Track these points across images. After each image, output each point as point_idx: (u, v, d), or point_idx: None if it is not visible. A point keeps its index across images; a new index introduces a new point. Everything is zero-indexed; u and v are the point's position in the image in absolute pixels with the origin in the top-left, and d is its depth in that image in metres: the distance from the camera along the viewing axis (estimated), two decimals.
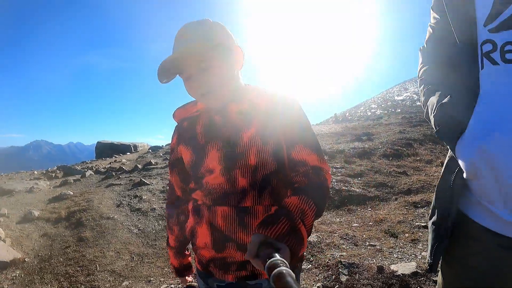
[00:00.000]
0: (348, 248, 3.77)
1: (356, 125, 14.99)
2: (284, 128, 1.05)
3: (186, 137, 1.20)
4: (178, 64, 1.05)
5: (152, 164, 10.46)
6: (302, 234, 0.77)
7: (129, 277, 3.80)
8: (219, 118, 1.12)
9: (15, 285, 3.79)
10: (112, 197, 6.88)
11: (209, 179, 1.10)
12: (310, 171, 0.99)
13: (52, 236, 5.21)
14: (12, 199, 7.63)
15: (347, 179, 6.60)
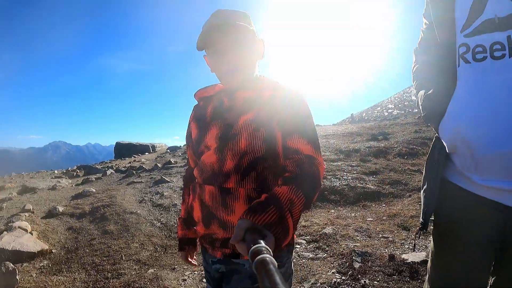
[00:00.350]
0: (362, 240, 3.89)
1: (372, 125, 14.98)
2: (283, 117, 1.12)
3: (198, 115, 1.32)
4: (212, 36, 1.15)
5: (172, 163, 10.63)
6: (288, 225, 0.78)
7: (154, 265, 3.91)
8: (227, 101, 1.22)
9: (43, 273, 3.92)
10: (134, 194, 7.03)
11: (204, 157, 1.21)
12: (304, 159, 1.03)
13: (77, 230, 5.36)
14: (36, 196, 7.83)
15: (363, 176, 6.68)
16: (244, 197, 1.11)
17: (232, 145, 1.13)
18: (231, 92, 1.22)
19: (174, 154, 14.84)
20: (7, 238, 4.39)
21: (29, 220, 5.64)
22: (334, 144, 10.20)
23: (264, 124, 1.12)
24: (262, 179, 1.13)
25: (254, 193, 1.11)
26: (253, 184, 1.12)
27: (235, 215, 1.11)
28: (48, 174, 15.70)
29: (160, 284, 3.35)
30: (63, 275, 3.86)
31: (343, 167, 7.41)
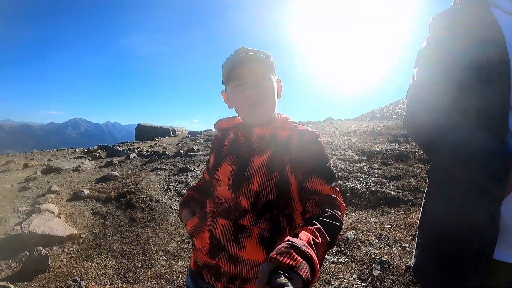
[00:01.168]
0: (381, 247, 3.96)
1: (394, 125, 14.83)
2: (300, 159, 1.12)
3: (216, 146, 1.36)
4: (239, 69, 1.17)
5: (195, 151, 10.70)
6: (314, 265, 0.75)
7: (183, 257, 3.98)
8: (243, 136, 1.26)
9: (73, 258, 4.00)
10: (159, 181, 7.11)
11: (219, 192, 1.22)
12: (324, 199, 1.01)
13: (104, 215, 5.45)
14: (60, 176, 7.96)
15: (383, 181, 6.70)
16: (256, 237, 1.12)
17: (246, 186, 1.15)
18: (248, 127, 1.25)
19: (196, 141, 14.93)
20: (37, 221, 4.46)
21: (55, 202, 5.73)
22: (356, 143, 10.17)
23: (277, 168, 1.14)
24: (275, 221, 1.14)
25: (267, 233, 1.12)
26: (267, 225, 1.13)
27: (245, 252, 1.12)
28: (69, 153, 16.03)
29: None
30: (93, 261, 3.95)
31: (364, 169, 7.43)
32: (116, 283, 3.47)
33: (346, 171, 7.29)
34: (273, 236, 1.12)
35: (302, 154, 1.12)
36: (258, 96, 1.18)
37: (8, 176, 8.20)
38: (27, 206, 5.54)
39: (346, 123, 16.85)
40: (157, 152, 11.66)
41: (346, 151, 9.10)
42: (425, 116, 1.14)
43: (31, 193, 6.36)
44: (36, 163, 10.76)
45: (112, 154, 12.41)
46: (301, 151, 1.12)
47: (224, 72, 1.22)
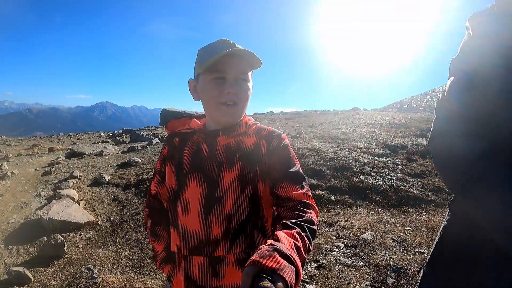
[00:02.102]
0: (398, 252, 3.82)
1: (422, 117, 14.42)
2: (269, 166, 1.09)
3: (174, 158, 1.21)
4: (223, 62, 1.07)
5: None
6: (298, 268, 0.73)
7: None
8: (206, 148, 1.15)
9: (89, 245, 4.07)
10: None
11: (186, 222, 1.13)
12: (298, 205, 0.99)
13: (122, 202, 5.50)
14: (83, 161, 8.06)
15: (407, 178, 6.49)
16: (233, 262, 1.10)
17: (218, 208, 1.08)
18: (210, 136, 1.15)
19: None
20: (56, 207, 4.55)
21: (76, 188, 5.84)
22: (381, 136, 9.94)
23: (250, 182, 1.10)
24: (250, 239, 1.11)
25: (243, 255, 1.10)
26: (242, 247, 1.10)
27: (225, 279, 1.10)
28: (94, 137, 16.37)
29: None
30: (108, 249, 4.02)
31: (388, 165, 7.24)
32: (128, 273, 3.52)
33: (369, 165, 7.12)
34: (249, 254, 1.09)
35: (271, 161, 1.09)
36: (234, 96, 1.09)
37: (33, 160, 8.40)
38: (48, 191, 5.67)
39: (372, 114, 16.50)
40: None
41: (370, 144, 8.91)
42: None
43: (54, 177, 6.48)
44: (61, 147, 11.00)
45: (136, 139, 12.54)
46: (271, 158, 1.10)
47: (201, 61, 1.10)
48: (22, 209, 4.86)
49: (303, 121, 14.32)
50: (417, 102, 30.51)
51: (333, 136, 9.81)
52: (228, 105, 1.09)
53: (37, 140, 15.51)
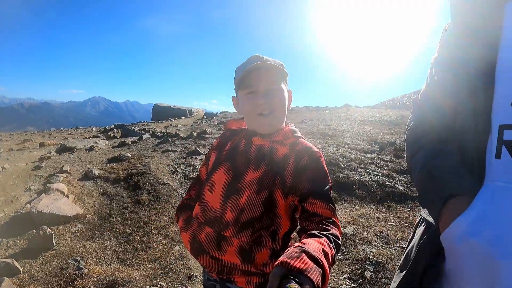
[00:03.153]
0: (379, 246, 3.92)
1: None
2: (293, 183, 1.13)
3: (219, 146, 1.36)
4: (251, 77, 1.17)
5: (207, 133, 10.76)
6: (325, 271, 0.74)
7: (181, 242, 4.07)
8: (243, 144, 1.27)
9: (77, 238, 4.16)
10: (167, 163, 7.21)
11: (209, 199, 1.25)
12: (324, 221, 1.03)
13: (111, 196, 5.60)
14: (74, 156, 8.10)
15: (393, 174, 6.58)
16: (236, 247, 1.15)
17: (235, 198, 1.17)
18: (250, 136, 1.26)
19: (210, 123, 14.98)
20: (45, 201, 4.63)
21: (66, 182, 5.91)
22: (370, 133, 10.05)
23: (267, 188, 1.15)
24: (257, 236, 1.16)
25: (246, 245, 1.15)
26: (248, 238, 1.15)
27: (225, 256, 1.16)
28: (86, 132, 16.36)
29: (184, 264, 3.54)
30: (95, 241, 4.10)
31: (375, 161, 7.33)
32: (114, 264, 3.61)
33: (356, 161, 7.22)
34: (251, 249, 1.15)
35: (301, 178, 1.12)
36: (268, 106, 1.18)
37: (24, 155, 8.45)
38: (39, 185, 5.73)
39: (362, 111, 16.61)
40: (170, 134, 11.78)
41: (359, 141, 9.01)
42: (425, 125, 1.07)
43: (44, 172, 6.53)
44: (52, 142, 11.03)
45: (127, 134, 12.60)
46: (300, 175, 1.13)
47: (236, 79, 1.23)
48: (12, 203, 4.92)
49: (294, 117, 14.41)
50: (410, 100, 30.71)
51: (322, 132, 9.91)
52: (264, 115, 1.19)
53: (29, 135, 15.50)
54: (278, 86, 1.20)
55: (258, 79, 1.17)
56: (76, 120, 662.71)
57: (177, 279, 3.26)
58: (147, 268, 3.48)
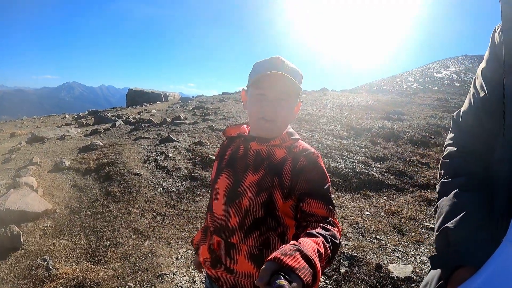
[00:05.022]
0: (354, 238, 3.92)
1: (389, 100, 14.71)
2: (291, 185, 1.14)
3: (220, 154, 1.40)
4: (267, 80, 1.17)
5: (181, 119, 10.64)
6: (317, 270, 0.74)
7: (151, 237, 4.04)
8: (242, 150, 1.29)
9: (46, 235, 4.05)
10: (139, 152, 7.11)
11: (215, 207, 1.30)
12: (322, 221, 1.03)
13: (81, 188, 5.48)
14: (44, 146, 7.96)
15: (369, 161, 6.61)
16: (246, 253, 1.18)
17: (237, 202, 1.20)
18: (247, 141, 1.28)
19: (185, 108, 14.79)
20: (13, 197, 4.51)
21: (36, 175, 5.77)
22: (347, 118, 10.09)
23: (266, 189, 1.17)
24: (264, 238, 1.18)
25: (256, 250, 1.18)
26: (255, 242, 1.18)
27: (238, 266, 1.20)
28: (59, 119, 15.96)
29: (154, 261, 3.48)
30: (64, 238, 4.01)
31: (351, 147, 7.35)
32: (83, 262, 3.52)
33: (332, 148, 7.23)
34: (262, 253, 1.18)
35: (299, 180, 1.13)
36: (273, 113, 1.19)
37: None
38: (8, 179, 5.58)
39: (339, 95, 16.68)
40: (144, 120, 11.59)
41: (335, 126, 9.04)
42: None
43: (14, 165, 6.42)
44: (23, 132, 10.87)
45: (100, 121, 12.37)
46: (299, 177, 1.13)
47: (251, 76, 1.24)
48: None
49: None
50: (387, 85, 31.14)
51: (298, 117, 9.89)
52: (266, 120, 1.20)
53: (0, 125, 14.94)
54: (289, 98, 1.21)
55: (272, 86, 1.17)
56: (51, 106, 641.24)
57: (146, 279, 3.20)
58: (116, 266, 3.42)
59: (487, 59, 0.97)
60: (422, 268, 3.36)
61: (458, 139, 1.05)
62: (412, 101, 14.91)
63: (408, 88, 28.32)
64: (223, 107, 13.26)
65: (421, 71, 40.12)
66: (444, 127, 9.60)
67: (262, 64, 1.21)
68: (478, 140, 0.97)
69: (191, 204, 4.94)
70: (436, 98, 16.81)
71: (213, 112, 11.72)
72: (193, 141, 7.75)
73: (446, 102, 14.32)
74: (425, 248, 3.79)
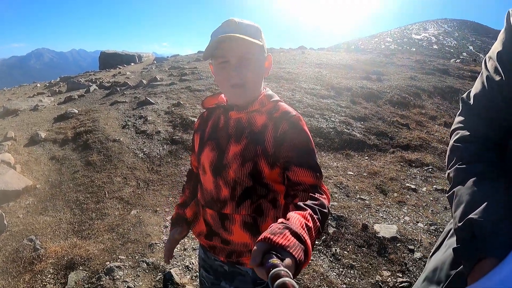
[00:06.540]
0: (340, 198, 3.99)
1: (368, 60, 14.67)
2: (275, 152, 1.11)
3: (201, 127, 1.36)
4: (223, 47, 1.10)
5: (158, 80, 10.43)
6: (307, 246, 0.75)
7: (137, 205, 3.98)
8: (222, 120, 1.25)
9: (29, 213, 3.95)
10: (117, 117, 6.97)
11: (204, 181, 1.28)
12: (309, 189, 1.00)
13: (60, 160, 5.36)
14: (18, 119, 7.71)
15: (350, 121, 6.65)
16: (240, 222, 1.18)
17: (224, 174, 1.18)
18: (226, 111, 1.24)
19: (160, 69, 14.49)
20: None
21: (12, 150, 5.61)
22: (327, 77, 10.03)
23: (250, 159, 1.14)
24: (256, 206, 1.17)
25: (249, 218, 1.18)
26: (248, 211, 1.17)
27: (234, 235, 1.21)
28: (30, 89, 15.38)
29: (142, 231, 3.44)
30: (48, 214, 3.92)
31: (332, 107, 7.36)
32: (71, 238, 3.45)
33: (313, 107, 7.22)
34: (255, 221, 1.18)
35: (282, 147, 1.10)
36: (240, 78, 1.13)
37: None
38: None
39: (318, 54, 16.52)
40: (119, 83, 11.31)
41: (315, 85, 8.99)
42: None
43: None
44: None
45: (73, 87, 12.02)
46: (282, 144, 1.10)
47: (208, 47, 1.14)
48: None
49: None
50: (365, 44, 31.02)
51: (277, 75, 9.79)
52: (235, 87, 1.14)
53: None
54: (252, 56, 1.13)
55: (230, 49, 1.11)
56: (21, 75, 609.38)
57: (136, 250, 3.16)
58: (105, 239, 3.36)
59: (503, 42, 0.93)
60: (406, 228, 3.48)
61: (470, 123, 1.02)
62: (391, 62, 14.91)
63: (386, 48, 28.40)
64: (200, 66, 13.01)
65: (400, 32, 40.21)
66: (423, 89, 9.75)
67: (215, 32, 1.15)
68: (492, 125, 0.95)
69: (174, 168, 4.88)
70: (414, 59, 16.82)
71: (190, 72, 11.49)
72: (172, 102, 7.62)
73: (424, 64, 14.34)
74: (407, 208, 3.91)
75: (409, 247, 3.14)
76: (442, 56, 26.79)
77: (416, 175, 4.90)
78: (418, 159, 5.38)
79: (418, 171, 5.04)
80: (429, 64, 14.45)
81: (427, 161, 5.35)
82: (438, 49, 28.93)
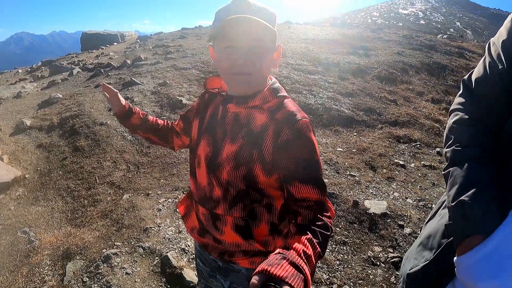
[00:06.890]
0: (330, 175, 4.02)
1: (355, 34, 14.53)
2: (273, 160, 1.03)
3: (200, 112, 1.26)
4: (231, 30, 0.98)
5: (142, 60, 10.29)
6: (307, 276, 0.73)
7: (128, 189, 3.96)
8: (220, 113, 1.15)
9: (21, 204, 3.90)
10: (102, 100, 6.87)
11: (198, 176, 1.22)
12: (313, 207, 0.95)
13: (47, 147, 5.30)
14: (1, 108, 7.59)
15: (338, 97, 6.63)
16: (231, 224, 1.14)
17: (218, 174, 1.11)
18: (226, 101, 1.13)
19: (144, 48, 14.22)
20: None
21: None
22: (314, 52, 9.95)
23: (244, 163, 1.06)
24: (250, 209, 1.12)
25: (241, 221, 1.13)
26: (241, 213, 1.12)
27: (225, 236, 1.17)
28: (12, 75, 14.99)
29: (136, 215, 3.42)
30: (40, 204, 3.88)
31: (320, 82, 7.34)
32: (65, 227, 3.43)
33: (300, 83, 7.21)
34: (248, 224, 1.13)
35: (279, 155, 1.00)
36: (247, 67, 1.01)
37: None
38: None
39: (305, 28, 16.32)
40: (102, 64, 11.15)
41: (302, 61, 8.94)
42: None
43: None
44: None
45: (56, 71, 11.85)
46: (278, 152, 1.00)
47: (213, 27, 1.02)
48: None
49: None
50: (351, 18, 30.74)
51: None
52: (239, 74, 1.02)
53: None
54: (263, 44, 1.01)
55: (240, 33, 0.97)
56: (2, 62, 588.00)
57: (132, 235, 3.15)
58: (99, 226, 3.34)
59: (508, 31, 0.95)
60: (395, 204, 3.54)
61: (470, 106, 1.05)
62: (378, 37, 14.79)
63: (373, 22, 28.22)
64: (185, 43, 12.82)
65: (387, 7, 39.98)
66: (411, 65, 9.72)
67: (224, 10, 1.02)
68: (491, 111, 0.98)
69: (163, 149, 4.82)
70: (402, 34, 16.70)
71: (175, 50, 11.32)
72: (158, 82, 7.54)
73: (411, 40, 14.25)
74: (396, 184, 3.97)
75: (399, 223, 3.21)
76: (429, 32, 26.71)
77: (404, 151, 4.95)
78: (406, 135, 5.42)
79: (406, 147, 5.08)
80: (416, 40, 14.40)
81: (415, 137, 5.39)
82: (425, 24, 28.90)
